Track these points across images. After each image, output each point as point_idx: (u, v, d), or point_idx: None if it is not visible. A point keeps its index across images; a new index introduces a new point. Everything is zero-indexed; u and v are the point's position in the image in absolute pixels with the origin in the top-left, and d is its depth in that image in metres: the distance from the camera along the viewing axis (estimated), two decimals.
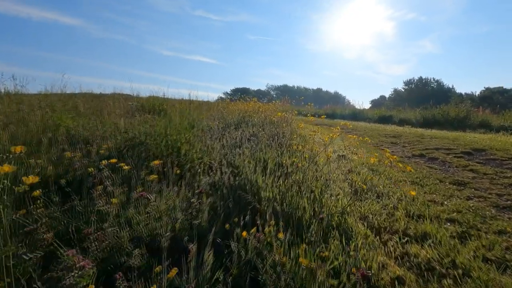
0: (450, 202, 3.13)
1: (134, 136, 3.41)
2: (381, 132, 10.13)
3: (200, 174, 2.84)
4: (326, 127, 13.07)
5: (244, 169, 2.51)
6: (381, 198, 3.23)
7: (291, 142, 3.93)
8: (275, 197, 2.16)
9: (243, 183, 2.32)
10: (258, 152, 3.09)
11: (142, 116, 5.34)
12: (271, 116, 7.36)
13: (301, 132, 5.90)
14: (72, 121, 4.37)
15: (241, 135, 4.51)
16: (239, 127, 5.46)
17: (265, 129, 4.84)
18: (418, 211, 2.85)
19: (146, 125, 3.42)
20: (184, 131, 3.44)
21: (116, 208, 1.84)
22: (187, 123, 4.76)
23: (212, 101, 12.16)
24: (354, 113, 20.86)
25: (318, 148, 4.58)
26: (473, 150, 6.25)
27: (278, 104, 10.37)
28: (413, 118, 15.25)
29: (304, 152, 3.84)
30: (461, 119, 12.96)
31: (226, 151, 3.60)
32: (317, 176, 2.80)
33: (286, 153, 3.37)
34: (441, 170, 4.75)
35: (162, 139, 3.03)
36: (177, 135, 3.11)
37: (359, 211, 2.84)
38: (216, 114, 7.24)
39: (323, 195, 2.56)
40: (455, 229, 2.48)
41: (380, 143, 8.05)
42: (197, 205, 1.89)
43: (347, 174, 4.17)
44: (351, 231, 2.31)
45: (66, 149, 3.20)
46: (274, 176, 2.53)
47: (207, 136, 4.26)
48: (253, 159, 2.94)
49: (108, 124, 3.86)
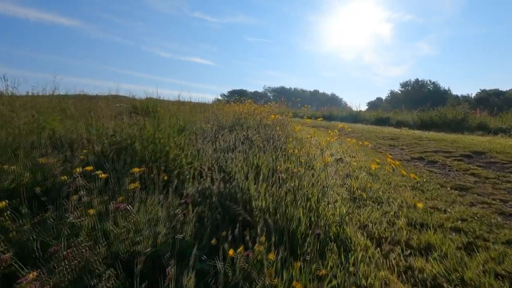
0: (453, 209, 2.98)
1: (121, 139, 3.23)
2: (379, 135, 10.00)
3: (190, 181, 2.67)
4: (323, 129, 12.94)
5: (236, 175, 2.35)
6: (381, 204, 3.07)
7: (287, 145, 3.77)
8: (268, 206, 1.99)
9: (234, 191, 2.15)
10: (251, 156, 2.93)
11: (134, 118, 5.16)
12: (266, 118, 7.21)
13: (297, 135, 5.74)
14: (58, 123, 4.19)
15: (234, 139, 4.35)
16: (233, 129, 5.29)
17: (260, 132, 4.68)
18: (420, 219, 2.69)
19: (135, 128, 3.25)
20: (174, 135, 3.27)
21: (91, 220, 1.67)
22: (179, 125, 4.59)
23: (209, 103, 12.01)
24: (351, 115, 20.74)
25: (315, 151, 4.43)
26: (472, 153, 6.12)
27: (274, 106, 10.20)
28: (410, 120, 15.15)
29: (300, 157, 3.69)
30: (459, 121, 12.87)
31: (218, 155, 3.43)
32: (313, 183, 2.64)
33: (281, 157, 3.21)
34: (441, 174, 4.60)
35: (149, 143, 2.85)
36: (166, 139, 2.93)
37: (358, 219, 2.68)
38: (211, 116, 7.07)
39: (320, 203, 2.39)
40: (461, 240, 2.32)
41: (378, 145, 7.91)
42: (182, 217, 1.72)
43: (345, 178, 4.01)
44: (350, 243, 2.15)
45: (49, 154, 3.02)
46: (268, 184, 2.36)
47: (199, 139, 4.09)
48: (246, 164, 2.77)
49: (95, 126, 3.68)
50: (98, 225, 1.64)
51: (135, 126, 3.17)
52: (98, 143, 3.26)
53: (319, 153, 3.40)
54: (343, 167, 4.70)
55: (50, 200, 1.94)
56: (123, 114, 5.18)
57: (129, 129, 3.25)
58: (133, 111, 7.33)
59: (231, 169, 2.69)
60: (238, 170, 2.45)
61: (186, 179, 2.58)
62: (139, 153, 2.89)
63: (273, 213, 1.90)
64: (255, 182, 2.25)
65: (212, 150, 3.58)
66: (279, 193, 2.11)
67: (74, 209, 1.75)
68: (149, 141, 2.90)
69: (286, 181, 2.59)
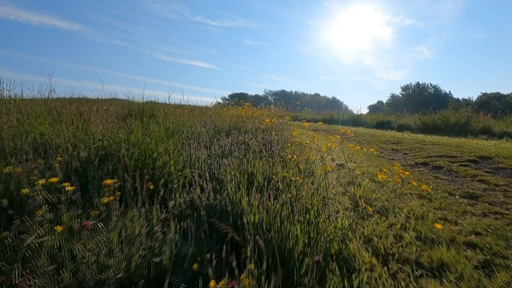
0: (465, 221, 2.75)
1: (108, 145, 3.02)
2: (381, 139, 9.77)
3: (178, 190, 2.45)
4: (324, 133, 12.72)
5: (227, 185, 2.13)
6: (386, 215, 2.85)
7: (286, 150, 3.55)
8: (262, 221, 1.77)
9: (224, 203, 1.93)
10: (245, 163, 2.70)
11: (127, 122, 4.95)
12: (265, 122, 7.00)
13: (296, 139, 5.52)
14: (45, 127, 3.97)
15: (230, 143, 4.14)
16: (230, 134, 5.08)
17: (257, 137, 4.46)
18: (430, 232, 2.46)
19: (122, 133, 3.03)
20: (163, 139, 3.06)
21: (57, 240, 1.45)
22: (171, 129, 4.38)
23: (209, 106, 11.83)
24: (352, 119, 20.53)
25: (315, 156, 4.21)
26: (479, 158, 5.88)
27: (273, 109, 9.98)
28: (412, 124, 14.92)
29: (299, 163, 3.46)
30: (462, 125, 12.63)
31: (211, 162, 3.22)
32: (313, 192, 2.41)
33: (279, 164, 2.99)
34: (448, 180, 4.37)
35: (136, 149, 2.64)
36: (153, 144, 2.72)
37: (362, 232, 2.45)
38: (208, 119, 6.86)
39: (320, 215, 2.17)
40: (477, 257, 2.09)
41: (381, 150, 7.69)
42: (161, 236, 1.50)
43: (347, 186, 3.79)
44: (353, 261, 1.93)
45: (29, 160, 2.81)
46: (262, 194, 2.14)
47: (192, 144, 3.88)
48: (239, 171, 2.55)
49: (82, 130, 3.47)
50: (64, 246, 1.42)
51: (121, 130, 2.95)
52: (85, 148, 3.05)
53: (319, 159, 3.18)
54: (345, 173, 4.47)
55: (19, 213, 1.72)
56: (112, 116, 4.96)
57: (116, 133, 3.03)
58: (129, 114, 7.12)
59: (223, 178, 2.47)
60: (230, 179, 2.23)
61: (174, 188, 2.36)
62: (125, 159, 2.67)
63: (267, 230, 1.68)
64: (248, 193, 2.03)
65: (206, 155, 3.37)
66: (274, 205, 1.89)
67: (39, 225, 1.53)
68: (135, 146, 2.68)
69: (283, 191, 2.37)
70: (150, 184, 2.36)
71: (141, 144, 2.67)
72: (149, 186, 2.36)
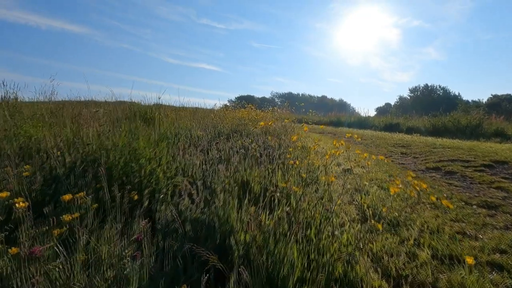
0: (486, 235, 2.47)
1: (95, 149, 2.80)
2: (389, 141, 9.45)
3: (167, 200, 2.22)
4: (330, 135, 12.42)
5: (218, 196, 1.89)
6: (397, 228, 2.58)
7: (287, 156, 3.30)
8: (254, 240, 1.52)
9: (211, 218, 1.69)
10: (240, 171, 2.46)
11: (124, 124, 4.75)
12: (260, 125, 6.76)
13: (299, 143, 5.26)
14: (36, 130, 3.78)
15: (229, 148, 3.90)
16: (230, 137, 4.85)
17: (258, 140, 4.22)
18: (447, 249, 2.18)
19: (115, 137, 2.81)
20: (154, 144, 2.83)
21: (7, 267, 1.22)
22: (169, 133, 4.16)
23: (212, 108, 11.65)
24: (359, 121, 20.14)
25: (319, 162, 3.95)
26: (494, 163, 5.55)
27: (276, 112, 9.72)
28: (421, 126, 14.52)
29: (301, 169, 3.21)
30: (474, 128, 12.21)
31: (207, 168, 2.98)
32: (316, 204, 2.16)
33: (278, 171, 2.74)
34: (462, 187, 4.08)
35: (122, 155, 2.41)
36: (141, 150, 2.49)
37: (370, 248, 2.19)
38: (209, 122, 6.64)
39: (322, 231, 1.92)
40: (503, 281, 1.82)
41: (389, 153, 7.38)
42: (130, 261, 1.26)
43: (354, 193, 3.52)
44: (360, 286, 1.67)
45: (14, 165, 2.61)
46: (258, 206, 1.89)
47: (188, 148, 3.65)
48: (234, 180, 2.32)
49: (66, 133, 3.26)
50: (12, 275, 1.20)
51: (110, 134, 2.73)
52: (72, 153, 2.84)
53: (323, 164, 2.92)
54: (351, 180, 4.20)
55: None
56: (102, 119, 4.75)
57: (106, 137, 2.82)
58: (127, 117, 6.95)
59: (216, 187, 2.23)
60: (221, 189, 1.99)
61: (161, 199, 2.13)
62: (111, 166, 2.46)
63: (259, 252, 1.43)
64: (240, 206, 1.79)
65: (201, 161, 3.14)
66: (268, 221, 1.64)
67: None
68: (122, 152, 2.46)
69: (281, 201, 2.12)
70: (134, 194, 2.14)
71: (128, 150, 2.44)
72: (133, 197, 2.14)
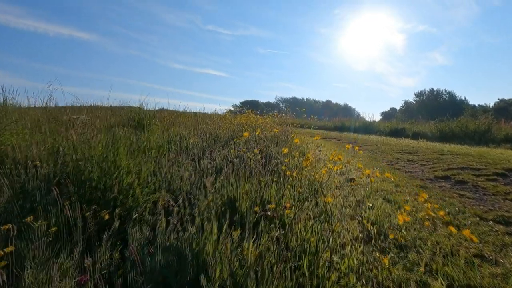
0: (507, 259, 2.17)
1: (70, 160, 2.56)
2: (395, 147, 9.14)
3: (145, 219, 1.97)
4: (334, 141, 12.13)
5: (196, 220, 1.62)
6: (405, 250, 2.29)
7: (283, 167, 3.03)
8: (231, 278, 1.25)
9: (184, 247, 1.43)
10: (226, 186, 2.19)
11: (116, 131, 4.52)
12: (269, 131, 6.50)
13: (296, 153, 4.99)
14: (16, 138, 3.56)
15: (224, 156, 3.65)
16: (226, 144, 4.59)
17: (254, 148, 3.96)
18: (464, 278, 1.89)
19: (90, 147, 2.57)
20: (139, 154, 2.59)
21: None
22: (161, 140, 3.92)
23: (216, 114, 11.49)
24: (364, 126, 19.80)
25: (319, 175, 3.67)
26: (506, 171, 5.23)
27: (277, 117, 9.44)
28: (428, 132, 14.16)
29: (299, 182, 2.95)
30: (482, 133, 11.83)
31: (195, 180, 2.73)
32: (312, 225, 1.89)
33: (272, 184, 2.47)
34: (475, 199, 3.77)
35: (97, 167, 2.17)
36: (119, 161, 2.24)
37: (375, 275, 1.91)
38: (207, 128, 6.40)
39: (319, 258, 1.64)
40: None
41: (395, 160, 7.08)
42: None
43: (357, 207, 3.24)
44: None
45: None
46: (244, 228, 1.63)
47: (181, 157, 3.40)
48: (220, 195, 2.05)
49: (49, 141, 3.03)
50: None
51: (81, 144, 2.49)
52: (48, 164, 2.61)
53: (325, 173, 2.65)
54: (355, 190, 3.92)
55: None
56: (84, 127, 4.51)
57: (80, 147, 2.57)
58: (121, 123, 6.73)
59: (201, 204, 1.97)
60: (199, 211, 1.73)
61: (133, 219, 1.88)
62: (84, 180, 2.21)
63: None
64: (220, 232, 1.52)
65: (190, 173, 2.88)
66: (251, 252, 1.37)
67: None
68: (98, 164, 2.21)
69: (272, 221, 1.85)
70: (104, 213, 1.89)
71: (102, 161, 2.19)
72: (104, 216, 1.89)
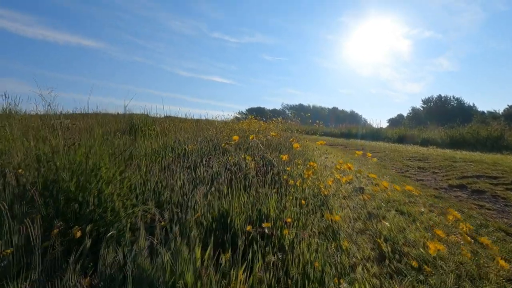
0: None
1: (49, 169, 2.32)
2: (404, 155, 8.80)
3: (125, 236, 1.72)
4: (341, 148, 11.81)
5: (175, 241, 1.36)
6: (423, 272, 1.99)
7: (285, 176, 2.76)
8: None
9: (158, 276, 1.17)
10: (215, 200, 1.93)
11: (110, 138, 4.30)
12: (271, 137, 6.24)
13: (299, 161, 4.72)
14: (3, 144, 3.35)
15: (222, 165, 3.40)
16: (227, 151, 4.34)
17: (255, 155, 3.70)
18: None
19: (70, 154, 2.33)
20: (120, 162, 2.34)
21: None
22: (156, 146, 3.68)
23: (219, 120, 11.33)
24: (371, 133, 19.43)
25: (329, 181, 3.39)
26: None
27: (281, 123, 9.17)
28: (438, 138, 13.76)
29: (304, 190, 2.67)
30: (495, 139, 11.42)
31: (189, 190, 2.47)
32: (317, 244, 1.62)
33: (272, 196, 2.20)
34: (497, 211, 3.45)
35: (74, 176, 1.92)
36: (97, 168, 2.00)
37: None
38: (209, 135, 6.16)
39: (324, 286, 1.37)
40: None
41: (405, 168, 6.75)
42: None
43: (367, 220, 2.95)
44: None
45: None
46: (236, 251, 1.36)
47: (176, 165, 3.16)
48: (211, 209, 1.79)
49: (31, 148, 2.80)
50: None
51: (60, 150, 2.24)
52: (27, 173, 2.38)
53: (332, 181, 2.37)
54: (364, 199, 3.62)
55: None
56: (67, 131, 4.28)
57: (66, 154, 2.33)
58: (117, 130, 6.54)
59: (189, 219, 1.71)
60: (183, 230, 1.47)
61: (109, 237, 1.62)
62: (62, 189, 1.96)
63: None
64: (202, 258, 1.25)
65: (183, 182, 2.63)
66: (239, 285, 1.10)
67: None
68: (75, 173, 1.97)
69: (271, 240, 1.58)
70: (76, 231, 1.64)
71: (80, 170, 1.95)
72: (75, 233, 1.64)
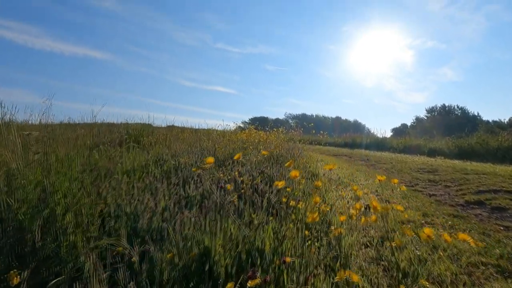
0: None
1: None
2: (412, 166, 8.39)
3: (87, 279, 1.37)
4: (346, 158, 11.44)
5: None
6: None
7: (284, 198, 2.40)
8: None
9: None
10: (205, 228, 1.56)
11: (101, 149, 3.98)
12: (277, 148, 5.90)
13: (309, 169, 4.35)
14: None
15: (215, 181, 3.05)
16: (223, 165, 3.99)
17: (253, 171, 3.34)
18: None
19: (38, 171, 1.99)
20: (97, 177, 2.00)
21: None
22: (143, 159, 3.34)
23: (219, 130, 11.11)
24: (376, 142, 19.02)
25: (333, 200, 3.04)
26: None
27: (282, 133, 8.81)
28: (445, 148, 13.33)
29: (306, 213, 2.31)
30: (506, 150, 10.97)
31: (171, 215, 2.11)
32: None
33: (271, 222, 1.83)
34: None
35: (25, 202, 1.58)
36: (55, 192, 1.65)
37: None
38: (207, 146, 5.83)
39: None
40: None
41: (415, 181, 6.35)
42: None
43: (380, 245, 2.57)
44: None
45: None
46: None
47: (161, 182, 2.81)
48: (188, 245, 1.43)
49: None
50: None
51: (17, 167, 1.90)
52: None
53: (336, 199, 2.01)
54: (375, 221, 3.24)
55: None
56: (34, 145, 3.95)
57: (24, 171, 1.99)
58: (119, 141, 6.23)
59: (160, 261, 1.36)
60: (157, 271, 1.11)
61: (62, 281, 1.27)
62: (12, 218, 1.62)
63: None
64: None
65: (167, 203, 2.27)
66: None
67: None
68: (28, 196, 1.62)
69: None
70: (13, 276, 1.28)
71: (31, 197, 1.61)
72: (11, 280, 1.28)
